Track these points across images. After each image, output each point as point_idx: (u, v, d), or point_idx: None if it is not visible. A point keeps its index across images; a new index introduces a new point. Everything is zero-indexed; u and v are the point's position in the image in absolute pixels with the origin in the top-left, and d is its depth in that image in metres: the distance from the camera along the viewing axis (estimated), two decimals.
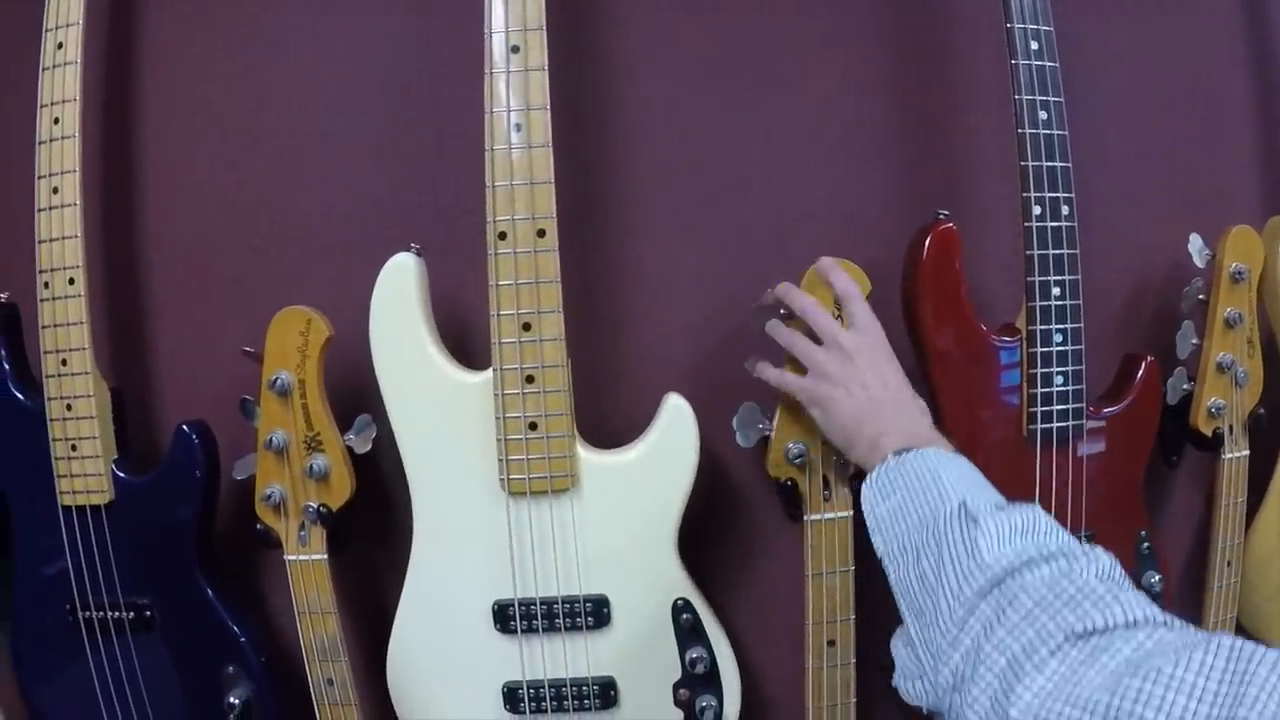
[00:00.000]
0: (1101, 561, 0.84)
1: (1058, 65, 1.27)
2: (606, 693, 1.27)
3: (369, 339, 1.21)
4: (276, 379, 1.21)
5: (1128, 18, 1.60)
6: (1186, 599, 1.61)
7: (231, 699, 1.30)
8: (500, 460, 1.21)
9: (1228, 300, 1.42)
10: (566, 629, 1.26)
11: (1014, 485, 1.27)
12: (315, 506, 1.25)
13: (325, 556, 1.27)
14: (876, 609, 1.35)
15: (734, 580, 1.39)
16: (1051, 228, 1.25)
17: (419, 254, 1.21)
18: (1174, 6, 1.65)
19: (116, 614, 1.29)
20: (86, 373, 1.24)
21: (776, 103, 1.37)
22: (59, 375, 1.24)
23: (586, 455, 1.23)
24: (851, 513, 1.25)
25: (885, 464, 1.01)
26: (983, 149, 1.37)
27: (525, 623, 1.25)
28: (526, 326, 1.17)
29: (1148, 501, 1.50)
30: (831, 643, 1.29)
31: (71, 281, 1.22)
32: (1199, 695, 0.64)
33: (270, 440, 1.23)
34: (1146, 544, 1.42)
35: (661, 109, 1.33)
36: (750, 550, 1.39)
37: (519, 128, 1.15)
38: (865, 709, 1.33)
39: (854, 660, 1.30)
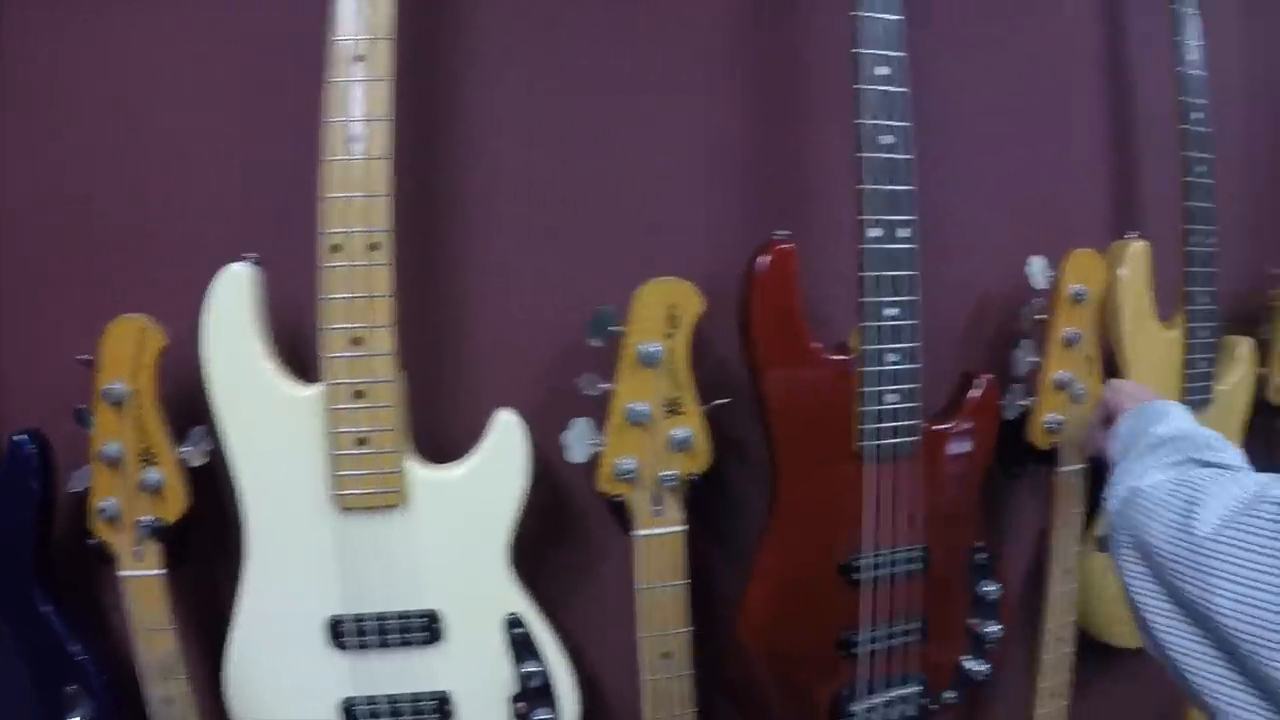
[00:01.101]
0: (1226, 445, 1.09)
1: (906, 91, 1.28)
2: (442, 708, 1.27)
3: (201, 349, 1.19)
4: (110, 389, 1.19)
5: (980, 45, 1.63)
6: (1029, 606, 1.64)
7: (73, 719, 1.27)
8: (330, 476, 1.20)
9: (1067, 320, 1.46)
10: (399, 644, 1.25)
11: (846, 501, 1.30)
12: (150, 521, 1.23)
13: (161, 572, 1.25)
14: (711, 621, 1.37)
15: (570, 593, 1.39)
16: (888, 249, 1.27)
17: (256, 263, 1.19)
18: (1024, 35, 1.69)
19: None
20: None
21: (626, 116, 1.37)
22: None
23: (418, 471, 1.22)
24: (681, 528, 1.26)
25: (1138, 405, 1.26)
26: (835, 169, 1.38)
27: (358, 639, 1.24)
28: (357, 341, 1.16)
29: (990, 512, 1.53)
30: (666, 655, 1.30)
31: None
32: None
33: (103, 452, 1.21)
34: (982, 555, 1.45)
35: (508, 121, 1.33)
36: (586, 563, 1.40)
37: (358, 139, 1.14)
38: (700, 718, 1.36)
39: (689, 672, 1.31)
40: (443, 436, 1.30)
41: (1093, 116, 1.81)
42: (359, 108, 1.13)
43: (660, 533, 1.26)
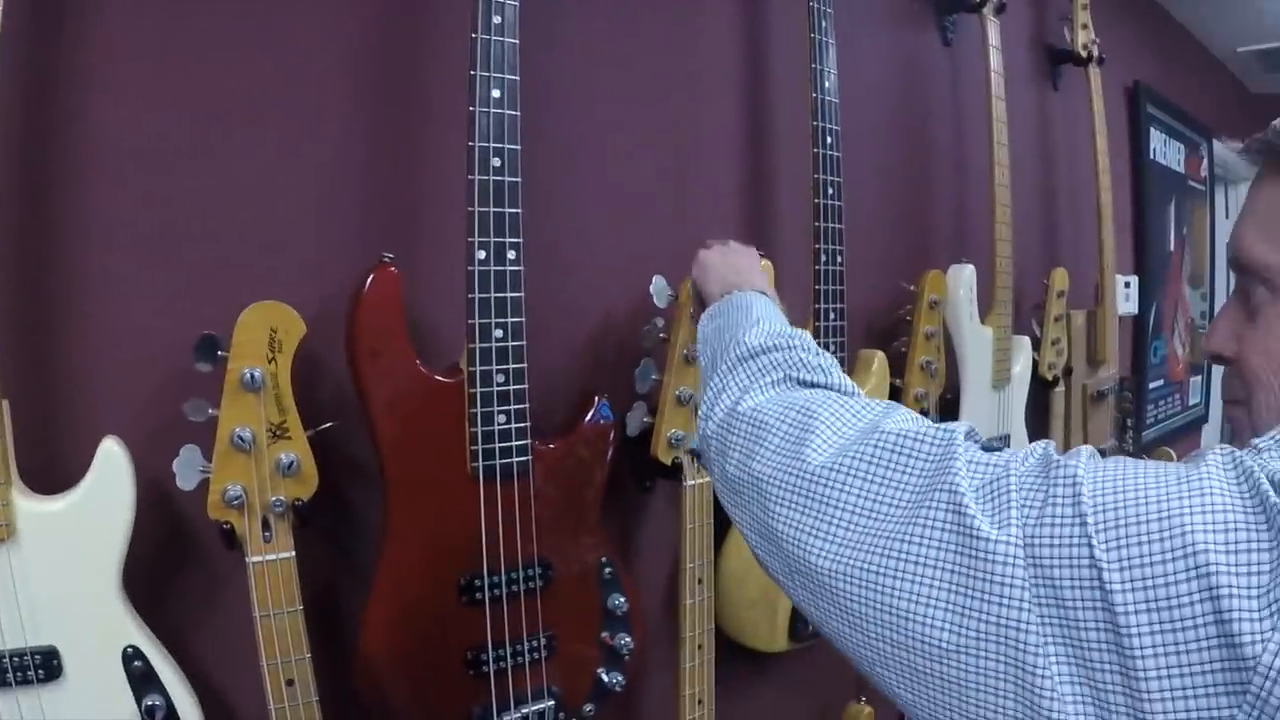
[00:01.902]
0: (829, 358, 1.02)
1: (518, 114, 1.33)
2: None
3: None
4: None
5: (612, 67, 1.69)
6: (671, 613, 1.70)
7: None
8: None
9: (687, 338, 1.53)
10: (18, 683, 1.19)
11: (462, 521, 1.33)
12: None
13: (292, 554, 1.28)
14: (336, 642, 1.38)
15: (194, 622, 1.37)
16: (495, 271, 1.31)
17: None
18: (659, 60, 1.75)
19: None
20: None
21: (241, 135, 1.35)
22: None
23: (25, 503, 1.18)
24: (293, 553, 1.27)
25: (726, 297, 1.20)
26: (452, 192, 1.39)
27: None
28: None
29: (626, 526, 1.58)
30: (290, 682, 1.29)
31: None
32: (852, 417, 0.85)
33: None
34: (609, 569, 1.50)
35: (126, 133, 1.29)
36: (209, 591, 1.37)
37: None
38: None
39: (316, 698, 1.31)
40: (57, 466, 1.28)
41: (729, 139, 1.89)
42: None
43: (272, 559, 1.26)
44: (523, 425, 1.36)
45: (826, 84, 1.80)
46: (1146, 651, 0.57)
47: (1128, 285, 3.47)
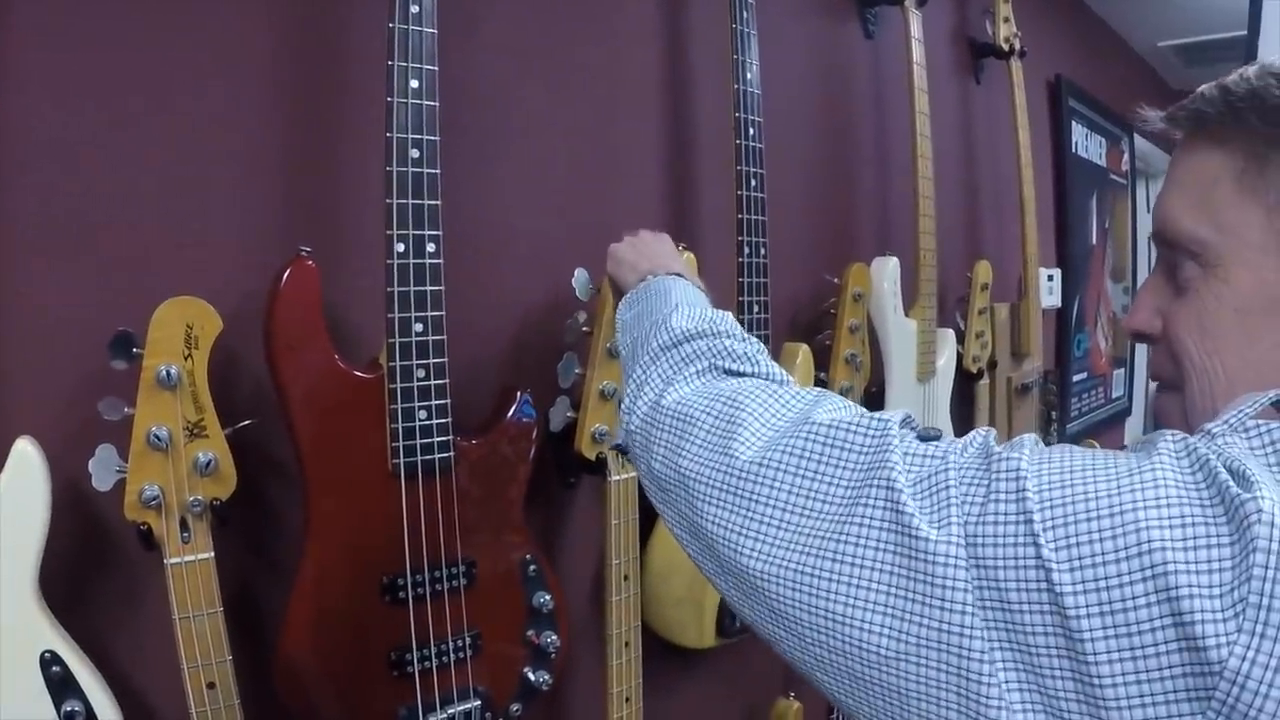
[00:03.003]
0: (757, 345, 1.01)
1: (437, 105, 1.33)
2: None
3: None
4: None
5: (534, 57, 1.70)
6: (597, 611, 1.71)
7: None
8: None
9: (610, 331, 1.53)
10: None
11: (383, 518, 1.33)
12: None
13: (210, 554, 1.27)
14: (258, 644, 1.38)
15: (114, 625, 1.35)
16: (415, 264, 1.31)
17: None
18: (582, 49, 1.76)
19: None
20: None
21: (156, 125, 1.33)
22: None
23: None
24: (212, 554, 1.26)
25: (641, 284, 1.19)
26: (372, 184, 1.39)
27: None
28: None
29: (550, 522, 1.59)
30: (211, 685, 1.28)
31: None
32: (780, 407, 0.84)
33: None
34: (533, 567, 1.51)
35: (36, 124, 1.27)
36: (130, 593, 1.36)
37: None
38: None
39: (238, 700, 1.31)
40: None
41: (650, 131, 1.91)
42: None
43: (190, 559, 1.25)
44: (444, 421, 1.36)
45: (749, 75, 1.82)
46: (1102, 657, 0.55)
47: (1050, 278, 3.52)
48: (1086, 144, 4.03)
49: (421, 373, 1.33)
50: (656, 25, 1.94)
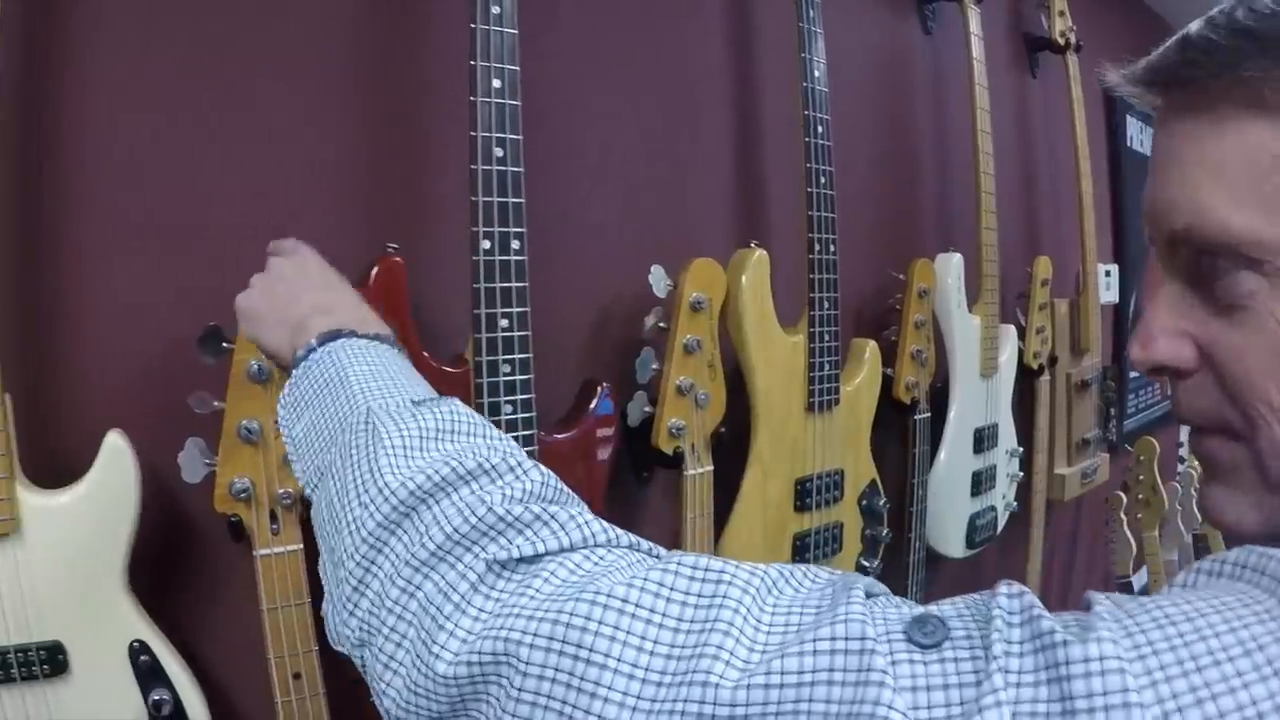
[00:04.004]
0: (531, 478, 0.72)
1: (519, 104, 1.35)
2: None
3: None
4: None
5: (608, 56, 1.72)
6: None
7: None
8: None
9: (688, 328, 1.55)
10: (23, 679, 1.21)
11: None
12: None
13: (300, 546, 1.24)
14: None
15: (198, 616, 1.38)
16: (500, 261, 1.33)
17: None
18: (653, 48, 1.78)
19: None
20: None
21: (242, 126, 1.38)
22: None
23: (29, 497, 1.20)
24: (301, 546, 1.29)
25: (296, 371, 0.91)
26: (453, 182, 1.42)
27: None
28: None
29: (623, 516, 1.61)
30: (297, 675, 1.31)
31: None
32: (660, 621, 0.57)
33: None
34: None
35: (124, 127, 1.30)
36: (215, 585, 1.39)
37: None
38: None
39: (323, 691, 1.33)
40: (59, 460, 1.29)
41: (720, 128, 1.92)
42: None
43: (280, 551, 1.28)
44: (529, 415, 1.38)
45: (816, 73, 1.83)
46: None
47: (1108, 274, 3.51)
48: (1141, 138, 4.01)
49: (507, 368, 1.35)
50: (724, 25, 1.95)
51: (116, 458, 1.22)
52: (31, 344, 1.28)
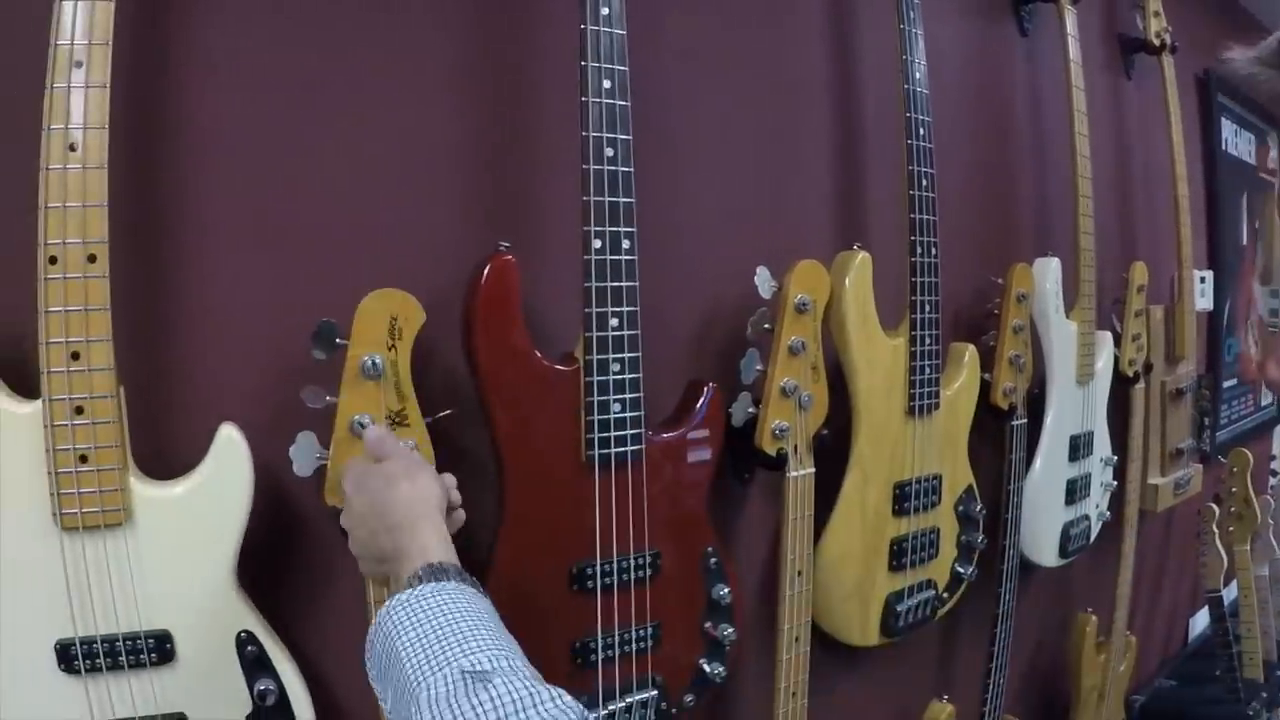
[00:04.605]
0: None
1: (629, 105, 1.37)
2: None
3: None
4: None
5: (712, 59, 1.72)
6: (765, 605, 1.74)
7: None
8: (52, 495, 1.18)
9: (792, 329, 1.55)
10: (131, 666, 1.24)
11: (575, 509, 1.36)
12: None
13: None
14: None
15: (303, 608, 1.40)
16: (611, 261, 1.34)
17: None
18: (755, 51, 1.79)
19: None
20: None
21: (352, 127, 1.40)
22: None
23: (141, 488, 1.22)
24: None
25: (369, 639, 0.99)
26: (563, 181, 1.44)
27: (88, 662, 1.22)
28: (75, 355, 1.16)
29: (723, 517, 1.61)
30: None
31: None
32: None
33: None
34: (714, 559, 1.54)
35: (236, 127, 1.33)
36: (319, 577, 1.41)
37: (75, 147, 1.13)
38: None
39: None
40: (171, 452, 1.31)
41: (822, 130, 1.92)
42: (78, 115, 1.14)
43: None
44: (637, 414, 1.40)
45: (916, 75, 1.83)
46: None
47: (1203, 280, 3.47)
48: (1236, 141, 3.96)
49: (616, 366, 1.36)
50: (824, 27, 1.95)
51: (230, 450, 1.24)
52: (146, 339, 1.31)
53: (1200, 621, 3.89)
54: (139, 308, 1.28)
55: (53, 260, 1.14)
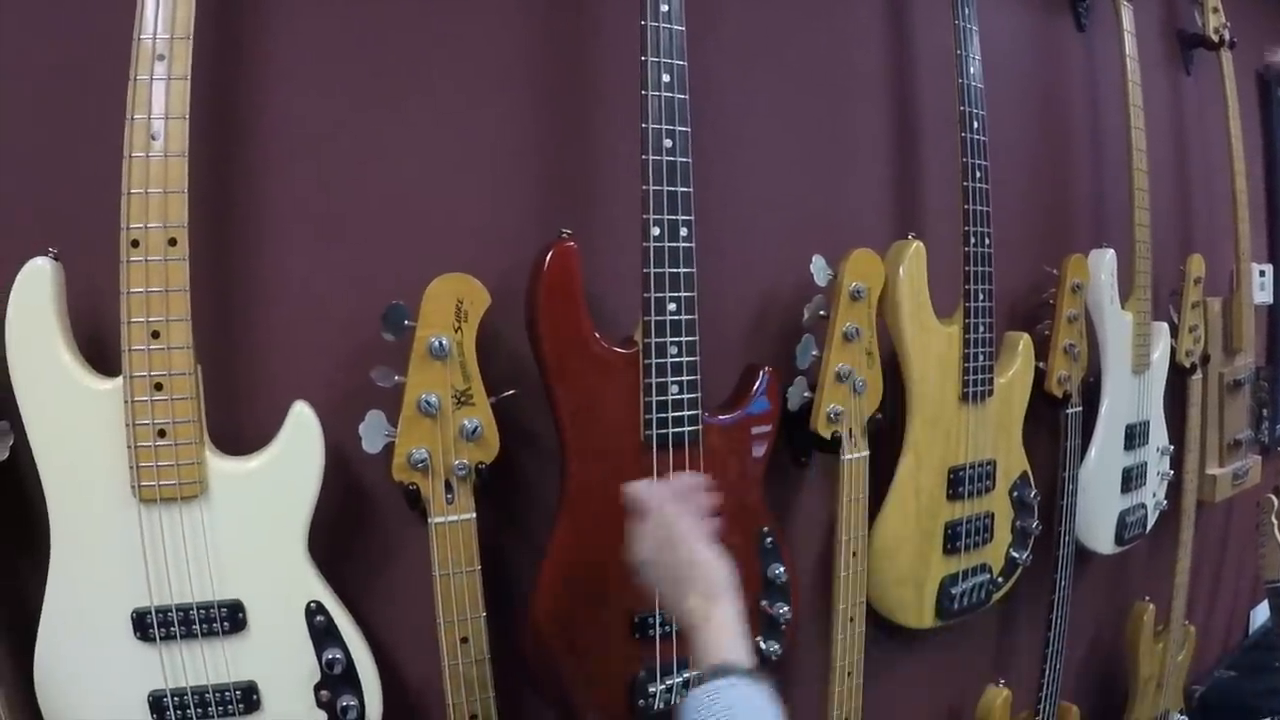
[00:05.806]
0: None
1: (687, 98, 1.39)
2: (249, 697, 1.30)
3: (4, 345, 1.20)
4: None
5: (769, 53, 1.74)
6: (821, 586, 1.75)
7: None
8: (131, 468, 1.22)
9: (847, 316, 1.57)
10: (204, 635, 1.27)
11: None
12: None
13: (473, 515, 1.36)
14: (505, 605, 1.43)
15: (371, 581, 1.43)
16: (669, 247, 1.37)
17: (57, 258, 1.20)
18: (812, 44, 1.80)
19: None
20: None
21: (419, 117, 1.43)
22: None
23: (216, 462, 1.26)
24: (474, 515, 1.34)
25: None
26: (622, 170, 1.47)
27: (163, 630, 1.26)
28: (155, 334, 1.19)
29: (780, 499, 1.62)
30: (465, 639, 1.35)
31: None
32: None
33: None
34: (770, 539, 1.55)
35: (307, 117, 1.37)
36: (385, 551, 1.44)
37: (156, 136, 1.17)
38: (503, 700, 1.41)
39: (489, 656, 1.37)
40: (243, 428, 1.35)
41: (878, 122, 1.93)
42: (159, 105, 1.17)
43: (453, 520, 1.32)
44: (694, 396, 1.42)
45: (971, 69, 1.83)
46: None
47: (1262, 274, 3.42)
48: None
49: (674, 349, 1.38)
50: (880, 21, 1.96)
51: (303, 426, 1.27)
52: (223, 320, 1.34)
53: (1261, 614, 3.84)
54: (216, 290, 1.32)
55: (135, 244, 1.17)
